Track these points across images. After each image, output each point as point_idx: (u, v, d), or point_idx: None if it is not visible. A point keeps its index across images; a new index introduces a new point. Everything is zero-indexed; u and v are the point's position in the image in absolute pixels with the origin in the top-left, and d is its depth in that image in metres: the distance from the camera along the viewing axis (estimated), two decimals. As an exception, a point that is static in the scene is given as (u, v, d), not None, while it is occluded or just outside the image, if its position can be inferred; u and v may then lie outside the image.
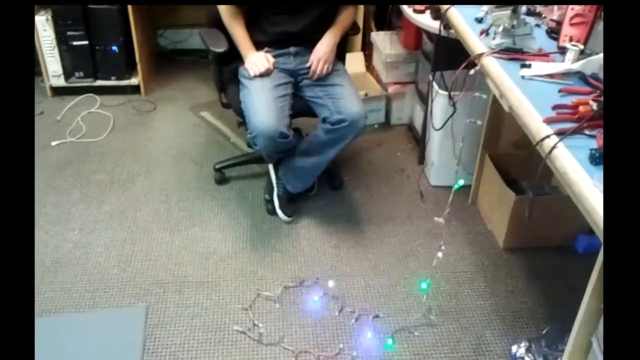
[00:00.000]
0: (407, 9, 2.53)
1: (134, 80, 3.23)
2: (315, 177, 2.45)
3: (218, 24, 2.29)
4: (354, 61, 3.18)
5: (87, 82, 3.20)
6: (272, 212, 2.44)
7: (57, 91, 3.21)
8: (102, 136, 2.93)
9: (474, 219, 2.47)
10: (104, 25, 3.06)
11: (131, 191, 2.57)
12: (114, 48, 3.12)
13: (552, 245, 2.26)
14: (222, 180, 2.63)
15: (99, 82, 3.22)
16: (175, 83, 3.44)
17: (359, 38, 3.19)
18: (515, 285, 2.14)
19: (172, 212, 2.45)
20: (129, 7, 2.97)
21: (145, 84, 3.25)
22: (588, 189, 1.20)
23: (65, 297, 2.03)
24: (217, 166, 2.63)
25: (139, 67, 3.17)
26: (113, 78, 3.21)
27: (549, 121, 1.43)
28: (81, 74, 3.18)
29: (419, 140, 2.85)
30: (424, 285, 2.04)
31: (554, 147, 1.33)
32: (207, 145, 2.91)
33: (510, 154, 2.38)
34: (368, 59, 3.30)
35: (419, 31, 2.78)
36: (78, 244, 2.26)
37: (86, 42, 3.09)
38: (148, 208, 2.47)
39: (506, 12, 1.80)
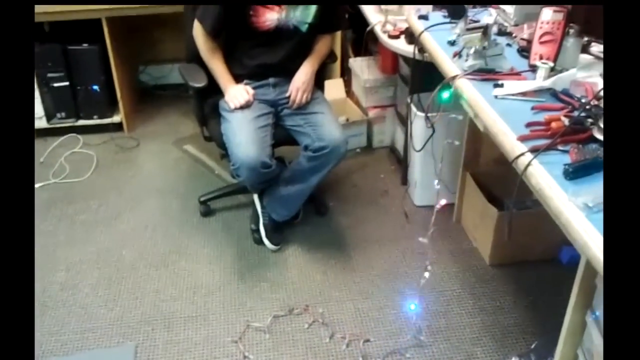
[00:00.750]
0: (382, 35, 2.58)
1: (116, 118, 3.25)
2: (300, 204, 2.46)
3: (197, 58, 2.32)
4: (334, 87, 3.23)
5: (69, 122, 3.21)
6: (259, 241, 2.44)
7: (39, 133, 3.22)
8: (86, 176, 2.93)
9: (459, 236, 2.49)
10: (84, 65, 3.08)
11: (116, 229, 2.56)
12: (95, 87, 3.14)
13: (538, 258, 2.28)
14: (207, 212, 2.64)
15: (81, 122, 3.23)
16: (157, 118, 3.46)
17: (337, 65, 3.24)
18: (503, 300, 2.15)
19: (158, 248, 2.44)
20: (109, 45, 3.00)
21: (127, 121, 3.27)
22: (563, 204, 1.23)
23: (53, 340, 2.01)
24: (202, 199, 2.64)
25: (120, 104, 3.19)
26: (95, 117, 3.23)
27: (522, 139, 1.46)
28: (63, 114, 3.19)
29: (401, 162, 2.88)
30: (412, 307, 2.05)
31: (528, 165, 1.36)
32: (191, 178, 2.92)
33: (491, 171, 2.42)
34: (347, 84, 3.35)
35: (395, 56, 2.83)
36: (65, 286, 2.25)
37: (67, 83, 3.11)
38: (134, 245, 2.46)
39: (477, 34, 1.85)
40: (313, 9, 2.25)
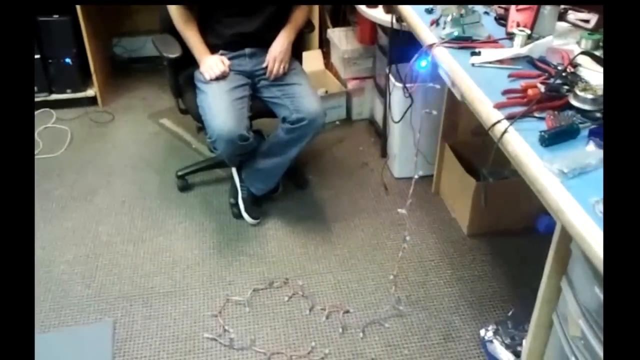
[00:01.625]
0: (360, 5, 2.54)
1: (90, 92, 3.17)
2: (278, 177, 2.44)
3: (171, 29, 2.26)
4: (312, 59, 3.18)
5: (41, 97, 3.13)
6: (238, 215, 2.42)
7: (11, 108, 3.13)
8: (60, 151, 2.87)
9: (438, 208, 2.50)
10: (55, 37, 2.99)
11: (92, 205, 2.52)
12: (67, 60, 3.05)
13: (515, 228, 2.30)
14: (185, 187, 2.61)
15: (54, 96, 3.15)
16: (133, 92, 3.39)
17: (315, 35, 3.19)
18: (481, 270, 2.17)
19: (136, 223, 2.41)
20: (81, 17, 2.91)
21: (102, 95, 3.20)
22: (539, 170, 1.23)
23: (29, 317, 1.98)
24: (179, 173, 2.60)
25: (94, 78, 3.11)
26: (68, 91, 3.15)
27: (499, 106, 1.45)
28: (35, 88, 3.11)
29: (380, 134, 2.87)
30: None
31: (504, 132, 1.35)
32: (168, 152, 2.87)
33: (469, 142, 2.41)
34: (326, 56, 3.30)
35: (373, 26, 2.80)
36: (41, 263, 2.21)
37: (38, 56, 3.02)
38: (111, 221, 2.43)
39: (454, 3, 1.83)
40: (289, -24, 2.20)
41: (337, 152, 2.89)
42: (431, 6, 2.00)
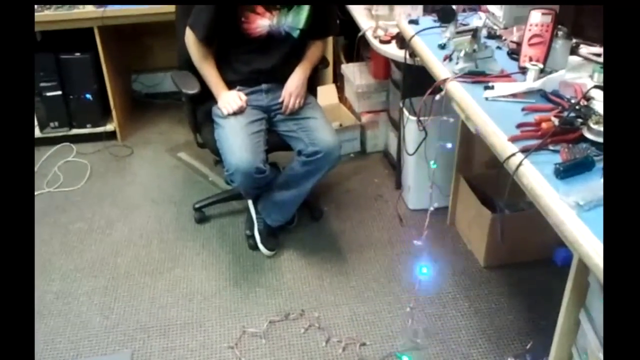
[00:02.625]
0: (373, 40, 2.60)
1: (109, 127, 3.25)
2: (294, 209, 2.47)
3: (189, 66, 2.32)
4: (327, 93, 3.24)
5: (62, 132, 3.21)
6: (254, 247, 2.44)
7: (33, 142, 3.21)
8: (80, 184, 2.92)
9: (454, 239, 2.50)
10: (77, 74, 3.09)
11: (111, 237, 2.56)
12: (88, 96, 3.14)
13: (532, 259, 2.29)
14: (202, 219, 2.64)
15: (75, 131, 3.22)
16: (151, 126, 3.46)
17: (330, 70, 3.25)
18: (498, 302, 2.16)
19: (153, 255, 2.44)
20: (102, 54, 3.00)
21: (121, 129, 3.27)
22: (555, 202, 1.24)
23: (49, 349, 2.00)
24: (197, 205, 2.64)
25: (113, 113, 3.19)
26: (88, 125, 3.23)
27: (513, 139, 1.47)
28: (56, 123, 3.19)
29: (394, 166, 2.90)
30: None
31: (519, 165, 1.37)
32: (185, 185, 2.92)
33: (484, 174, 2.43)
34: (340, 90, 3.36)
35: (387, 61, 2.85)
36: (59, 295, 2.24)
37: (59, 92, 3.11)
38: (129, 253, 2.46)
39: (467, 37, 1.86)
40: (304, 15, 2.26)
41: (352, 184, 2.92)
42: (444, 42, 2.05)
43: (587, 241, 1.11)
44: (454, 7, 2.08)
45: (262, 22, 2.22)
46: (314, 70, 2.45)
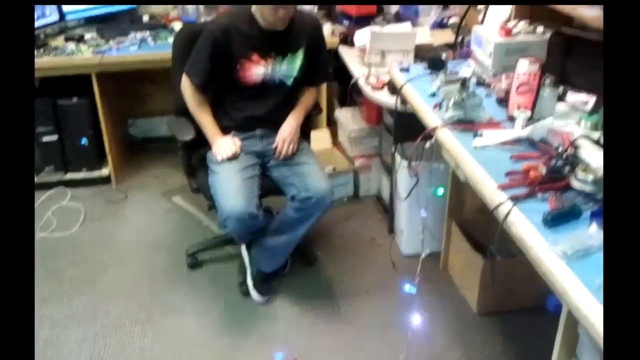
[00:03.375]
0: (365, 87, 2.65)
1: (104, 171, 3.26)
2: (287, 254, 2.46)
3: (185, 112, 2.35)
4: (321, 137, 3.27)
5: (57, 176, 3.22)
6: (247, 293, 2.42)
7: (27, 186, 3.20)
8: (73, 229, 2.92)
9: (447, 285, 2.49)
10: (73, 119, 3.11)
11: (103, 284, 2.54)
12: (84, 141, 3.16)
13: (525, 306, 2.28)
14: (195, 264, 2.63)
15: (69, 175, 3.23)
16: (146, 170, 3.48)
17: (324, 115, 3.29)
18: (492, 349, 2.13)
19: (145, 303, 2.42)
20: (98, 100, 3.04)
21: (116, 174, 3.28)
22: (544, 252, 1.25)
23: (35, 400, 1.96)
24: (190, 251, 2.63)
25: (109, 157, 3.20)
26: (83, 170, 3.24)
27: (502, 188, 1.49)
28: (51, 168, 3.20)
29: (387, 210, 2.90)
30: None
31: (508, 213, 1.39)
32: (179, 230, 2.91)
33: (476, 219, 2.43)
34: (334, 134, 3.39)
35: (379, 106, 2.89)
36: (49, 343, 2.21)
37: (56, 137, 3.13)
38: (121, 300, 2.43)
39: (456, 86, 1.91)
40: (298, 63, 2.31)
41: (345, 228, 2.92)
42: (434, 90, 2.09)
43: (576, 292, 1.11)
44: (443, 56, 2.13)
45: (257, 70, 2.26)
46: (307, 115, 2.49)
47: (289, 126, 2.36)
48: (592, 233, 1.27)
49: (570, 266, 1.19)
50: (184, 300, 2.43)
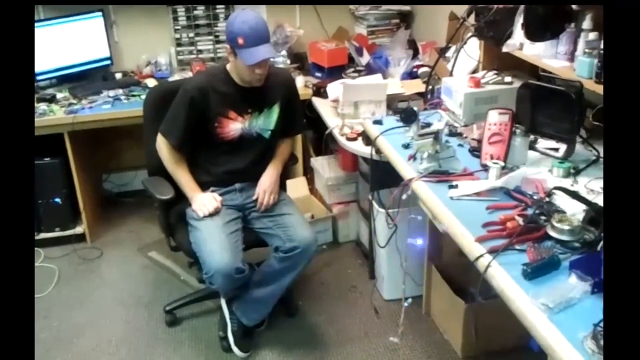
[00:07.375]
0: (340, 138, 2.69)
1: (78, 229, 3.20)
2: (272, 306, 2.42)
3: (160, 170, 2.35)
4: (298, 186, 3.29)
5: (30, 236, 3.15)
6: (228, 349, 2.39)
7: (-1, 247, 3.13)
8: (47, 291, 2.84)
9: (430, 329, 2.50)
10: (46, 179, 3.04)
11: (78, 347, 2.47)
12: (57, 200, 3.11)
13: (510, 346, 2.27)
14: (173, 322, 2.58)
15: (42, 235, 3.16)
16: (121, 225, 3.43)
17: (300, 164, 3.32)
18: (480, 396, 2.14)
19: (124, 364, 2.36)
20: (71, 158, 3.01)
21: (90, 231, 3.23)
22: (525, 305, 1.27)
23: None
24: (167, 308, 2.58)
25: (83, 215, 3.15)
26: (57, 229, 3.18)
27: (480, 240, 1.52)
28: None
29: (367, 256, 2.92)
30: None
31: (488, 266, 1.41)
32: (156, 286, 2.87)
33: (456, 262, 2.45)
34: (310, 182, 3.42)
35: (354, 154, 2.93)
36: (25, 414, 2.12)
37: (27, 196, 3.07)
38: (98, 363, 2.37)
39: (429, 139, 1.94)
40: (274, 116, 2.35)
41: (326, 275, 2.92)
42: (408, 141, 2.13)
43: (560, 347, 1.14)
44: (415, 108, 2.18)
45: (235, 126, 2.29)
46: (283, 166, 2.51)
47: (269, 177, 2.38)
48: (572, 284, 1.30)
49: (552, 320, 1.21)
50: (164, 359, 2.37)
